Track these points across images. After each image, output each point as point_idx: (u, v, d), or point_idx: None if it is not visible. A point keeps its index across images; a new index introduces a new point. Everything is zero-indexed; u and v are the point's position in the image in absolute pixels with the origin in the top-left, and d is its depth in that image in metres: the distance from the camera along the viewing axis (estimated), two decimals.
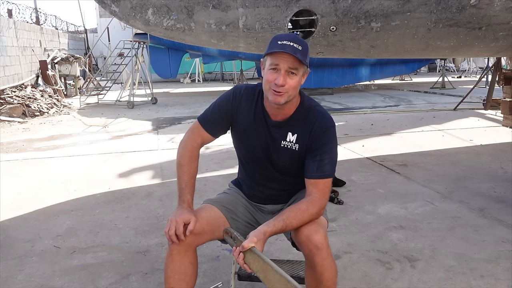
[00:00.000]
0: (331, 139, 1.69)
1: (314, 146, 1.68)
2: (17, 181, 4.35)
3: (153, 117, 8.83)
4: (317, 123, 1.68)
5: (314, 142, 1.68)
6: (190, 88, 15.94)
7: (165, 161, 5.05)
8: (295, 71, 1.57)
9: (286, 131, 1.73)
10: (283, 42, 1.56)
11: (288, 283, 1.36)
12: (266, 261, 1.43)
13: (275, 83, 1.57)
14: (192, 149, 1.80)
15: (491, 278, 2.29)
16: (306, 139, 1.70)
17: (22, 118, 8.81)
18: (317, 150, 1.67)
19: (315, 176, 1.66)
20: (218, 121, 1.81)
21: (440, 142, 5.83)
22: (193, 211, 1.70)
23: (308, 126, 1.69)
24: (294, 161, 1.75)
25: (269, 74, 1.59)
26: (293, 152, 1.73)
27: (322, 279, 1.56)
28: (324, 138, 1.67)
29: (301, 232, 1.59)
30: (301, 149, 1.72)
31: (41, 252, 2.73)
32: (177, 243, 1.65)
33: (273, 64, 1.57)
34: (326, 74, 12.20)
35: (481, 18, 3.25)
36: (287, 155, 1.74)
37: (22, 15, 13.46)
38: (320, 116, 1.70)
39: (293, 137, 1.72)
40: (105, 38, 17.49)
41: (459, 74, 20.21)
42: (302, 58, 1.56)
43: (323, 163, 1.66)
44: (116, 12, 3.42)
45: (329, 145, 1.68)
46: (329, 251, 1.57)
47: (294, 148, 1.72)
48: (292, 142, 1.72)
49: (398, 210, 3.32)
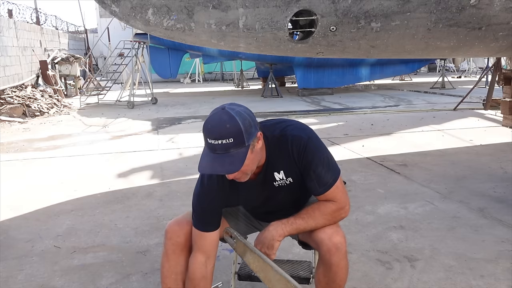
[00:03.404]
0: (315, 151, 1.59)
1: (304, 167, 1.59)
2: (17, 181, 4.36)
3: (153, 117, 8.83)
4: (294, 148, 1.58)
5: (302, 166, 1.59)
6: (190, 88, 15.94)
7: (165, 161, 5.05)
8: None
9: (271, 174, 1.63)
10: (211, 143, 1.41)
11: (288, 283, 1.36)
12: (266, 261, 1.44)
13: (228, 178, 1.50)
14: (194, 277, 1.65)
15: (491, 278, 2.29)
16: (294, 167, 1.61)
17: (22, 118, 8.82)
18: (309, 170, 1.59)
19: (322, 191, 1.60)
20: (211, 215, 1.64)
21: (440, 142, 5.83)
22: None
23: (288, 157, 1.60)
24: (296, 192, 1.69)
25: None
26: (291, 185, 1.65)
27: (335, 279, 1.57)
28: (308, 156, 1.58)
29: (322, 231, 1.58)
30: (296, 178, 1.64)
31: (41, 252, 2.73)
32: (172, 242, 1.65)
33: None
34: (326, 74, 12.20)
35: (481, 18, 3.25)
36: (287, 191, 1.67)
37: (22, 15, 13.47)
38: (291, 138, 1.59)
39: (281, 175, 1.63)
40: (105, 38, 17.51)
41: (459, 74, 20.19)
42: (237, 156, 1.41)
43: (320, 176, 1.58)
44: (116, 12, 3.42)
45: (316, 157, 1.58)
46: (346, 252, 1.58)
47: (288, 182, 1.64)
48: (283, 179, 1.64)
49: (398, 210, 3.32)
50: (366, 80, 13.94)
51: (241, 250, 1.57)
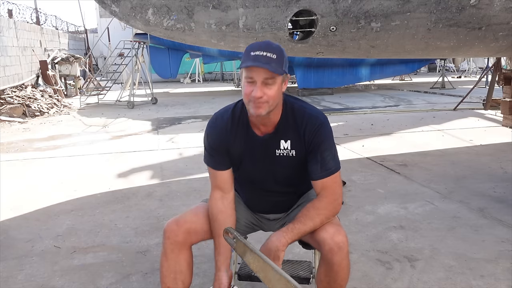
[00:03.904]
0: (327, 135, 1.65)
1: (312, 148, 1.64)
2: (17, 181, 4.36)
3: (153, 117, 8.83)
4: (308, 125, 1.64)
5: (310, 145, 1.64)
6: (190, 88, 15.94)
7: (165, 161, 5.05)
8: (271, 81, 1.53)
9: (278, 140, 1.67)
10: (255, 53, 1.51)
11: (288, 283, 1.36)
12: (266, 261, 1.43)
13: (252, 96, 1.53)
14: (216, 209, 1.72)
15: (491, 278, 2.29)
16: (301, 143, 1.65)
17: (22, 118, 8.82)
18: (316, 151, 1.63)
19: (322, 175, 1.63)
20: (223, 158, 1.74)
21: (440, 142, 5.83)
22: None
23: (299, 130, 1.65)
24: (294, 168, 1.71)
25: (246, 87, 1.55)
26: (291, 159, 1.68)
27: (337, 278, 1.57)
28: (319, 137, 1.63)
29: (324, 230, 1.58)
30: (299, 154, 1.67)
31: (41, 252, 2.73)
32: (171, 241, 1.66)
33: (248, 77, 1.54)
34: (326, 74, 12.20)
35: (481, 18, 3.25)
36: (285, 163, 1.69)
37: (22, 15, 13.47)
38: (308, 116, 1.66)
39: (287, 144, 1.67)
40: (105, 38, 17.51)
41: (459, 74, 20.19)
42: (277, 67, 1.52)
43: (325, 160, 1.63)
44: (116, 12, 3.42)
45: (327, 141, 1.64)
46: (348, 252, 1.58)
47: (291, 154, 1.68)
48: (287, 149, 1.67)
49: (398, 210, 3.32)
50: (366, 80, 13.93)
51: (241, 250, 1.57)
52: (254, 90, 1.53)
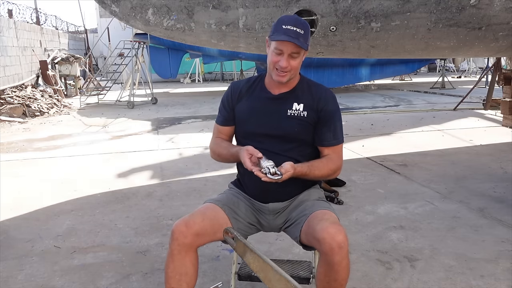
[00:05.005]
0: (337, 108, 1.86)
1: (325, 116, 1.81)
2: (17, 181, 4.36)
3: (153, 117, 8.83)
4: (322, 94, 1.84)
5: (322, 112, 1.81)
6: (190, 88, 15.94)
7: (165, 161, 5.05)
8: (296, 54, 1.71)
9: (292, 101, 1.83)
10: (287, 27, 1.67)
11: (288, 283, 1.36)
12: (266, 261, 1.43)
13: (279, 65, 1.71)
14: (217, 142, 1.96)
15: (491, 278, 2.29)
16: (313, 108, 1.81)
17: (23, 118, 8.82)
18: (330, 120, 1.82)
19: (333, 143, 1.83)
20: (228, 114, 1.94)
21: (440, 142, 5.84)
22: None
23: (313, 97, 1.83)
24: (303, 128, 1.82)
25: (273, 56, 1.73)
26: (302, 119, 1.81)
27: (337, 277, 1.58)
28: (332, 106, 1.83)
29: (324, 230, 1.58)
30: (310, 117, 1.81)
31: (41, 252, 2.73)
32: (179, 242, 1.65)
33: (277, 48, 1.70)
34: (326, 74, 12.19)
35: (481, 18, 3.25)
36: (294, 123, 1.81)
37: (22, 15, 13.46)
38: (322, 88, 1.88)
39: (300, 106, 1.82)
40: (105, 38, 17.50)
41: (459, 74, 20.20)
42: (304, 42, 1.70)
43: (337, 130, 1.83)
44: (116, 12, 3.42)
45: (338, 112, 1.85)
46: (348, 251, 1.58)
47: (302, 115, 1.81)
48: (299, 110, 1.81)
49: (398, 210, 3.32)
50: (366, 80, 13.94)
51: (241, 250, 1.57)
52: (281, 60, 1.71)
